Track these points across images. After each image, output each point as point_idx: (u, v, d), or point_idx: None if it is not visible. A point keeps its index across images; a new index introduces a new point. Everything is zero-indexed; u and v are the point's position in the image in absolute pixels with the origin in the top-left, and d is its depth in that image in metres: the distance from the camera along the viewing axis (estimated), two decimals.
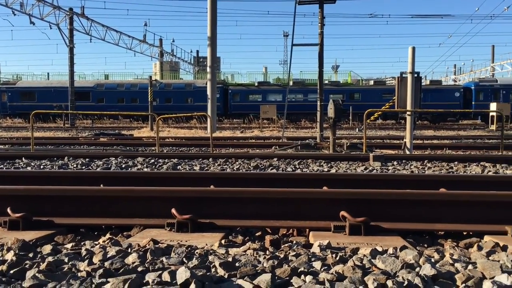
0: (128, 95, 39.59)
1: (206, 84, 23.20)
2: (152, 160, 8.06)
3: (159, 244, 2.77)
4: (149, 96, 25.63)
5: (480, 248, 2.91)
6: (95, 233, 3.42)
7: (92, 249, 2.61)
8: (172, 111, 35.51)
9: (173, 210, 3.31)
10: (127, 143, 13.24)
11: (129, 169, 7.14)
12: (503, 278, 2.04)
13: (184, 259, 2.39)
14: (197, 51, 67.18)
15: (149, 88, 25.95)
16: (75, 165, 7.53)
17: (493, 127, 25.83)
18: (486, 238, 3.15)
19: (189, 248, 2.61)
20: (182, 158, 8.32)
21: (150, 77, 28.00)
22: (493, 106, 29.96)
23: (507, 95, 36.70)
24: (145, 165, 7.50)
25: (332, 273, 2.13)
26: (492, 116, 27.22)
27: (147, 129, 24.29)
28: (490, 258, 2.51)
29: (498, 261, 2.33)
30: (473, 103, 36.81)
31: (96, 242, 2.88)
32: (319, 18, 14.91)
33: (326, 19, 15.39)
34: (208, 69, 22.29)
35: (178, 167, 7.36)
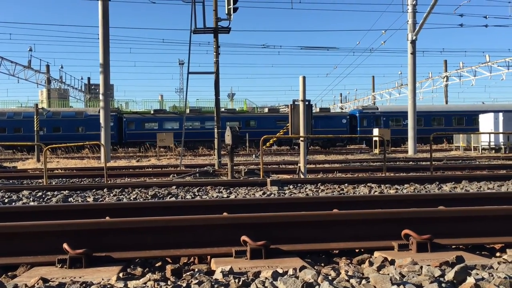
0: (11, 124, 36.62)
1: (99, 112, 22.30)
2: (40, 193, 7.50)
3: (50, 283, 2.56)
4: (35, 125, 23.95)
5: (371, 264, 3.10)
6: None
7: None
8: (61, 141, 33.38)
9: (65, 245, 3.10)
10: (10, 176, 12.16)
11: (13, 203, 6.56)
12: None
13: None
14: (89, 78, 64.35)
15: (35, 116, 24.27)
16: None
17: (377, 151, 27.96)
18: (376, 253, 3.37)
19: (84, 285, 2.45)
20: (74, 190, 7.84)
21: (36, 105, 26.21)
22: (375, 131, 32.54)
23: (387, 121, 40.08)
24: (31, 199, 6.95)
25: None
26: (375, 141, 29.51)
27: (33, 160, 22.58)
28: (380, 272, 2.68)
29: (388, 274, 2.50)
30: (358, 129, 39.62)
31: None
32: (214, 47, 15.19)
33: (221, 48, 15.72)
34: (101, 97, 21.47)
35: (70, 199, 6.92)
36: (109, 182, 10.19)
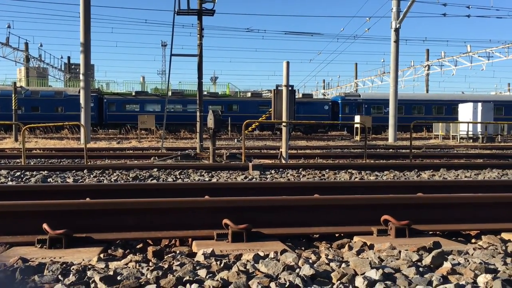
0: None
1: (79, 92, 21.95)
2: (18, 173, 7.38)
3: (29, 263, 2.54)
4: (13, 104, 23.48)
5: (351, 248, 3.15)
6: None
7: None
8: (40, 120, 32.72)
9: (45, 225, 3.07)
10: None
11: None
12: (372, 273, 2.23)
13: (59, 276, 2.23)
14: (69, 57, 63.17)
15: (13, 95, 23.77)
16: None
17: (358, 138, 28.22)
18: (356, 238, 3.42)
19: (64, 265, 2.44)
20: (53, 170, 7.75)
21: (14, 83, 25.66)
22: (357, 118, 32.79)
23: (368, 108, 40.39)
24: (9, 179, 6.84)
25: (217, 280, 2.14)
26: (357, 128, 29.75)
27: (11, 140, 22.18)
28: (360, 256, 2.73)
29: (367, 258, 2.55)
30: (340, 115, 39.87)
31: None
32: (198, 30, 15.02)
33: (205, 31, 15.54)
34: (81, 77, 21.10)
35: (49, 179, 6.84)
36: (89, 163, 10.09)
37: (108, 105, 37.42)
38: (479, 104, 28.06)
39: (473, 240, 3.60)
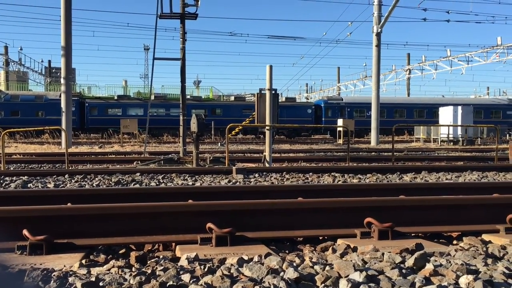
0: None
1: (60, 96, 21.67)
2: None
3: (9, 269, 2.49)
4: None
5: (334, 251, 3.16)
6: None
7: None
8: (20, 125, 32.25)
9: (25, 231, 3.01)
10: None
11: None
12: (356, 276, 2.24)
13: (40, 283, 2.19)
14: (49, 61, 62.58)
15: None
16: None
17: (340, 141, 28.40)
18: (339, 241, 3.44)
19: (45, 271, 2.40)
20: (33, 175, 7.62)
21: None
22: (340, 122, 33.01)
23: (351, 112, 40.72)
24: None
25: (201, 285, 2.13)
26: (340, 131, 29.95)
27: None
28: (344, 258, 2.74)
29: (351, 261, 2.56)
30: (323, 119, 40.11)
31: None
32: (180, 33, 14.96)
33: (188, 34, 15.53)
34: (62, 81, 20.84)
35: (29, 185, 6.73)
36: (71, 168, 9.96)
37: (89, 109, 37.03)
38: (459, 108, 28.51)
39: (454, 242, 3.64)
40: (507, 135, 35.55)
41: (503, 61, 36.35)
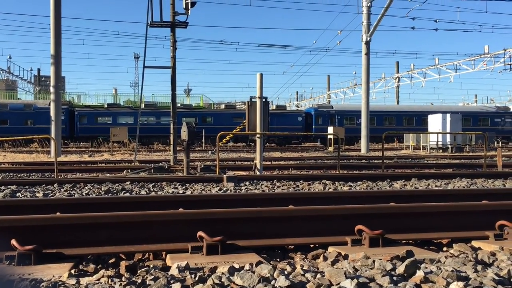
0: None
1: (49, 105, 21.53)
2: None
3: None
4: None
5: (325, 258, 3.16)
6: None
7: None
8: (8, 134, 31.98)
9: (13, 241, 2.98)
10: None
11: None
12: (347, 283, 2.24)
13: None
14: (39, 69, 61.85)
15: None
16: None
17: (331, 148, 28.50)
18: (330, 249, 3.44)
19: (34, 282, 2.37)
20: (22, 185, 7.54)
21: None
22: (330, 129, 33.15)
23: (341, 119, 40.92)
24: None
25: None
26: (330, 139, 30.07)
27: None
28: (335, 266, 2.74)
29: (342, 268, 2.56)
30: (313, 127, 40.25)
31: None
32: (171, 42, 14.97)
33: (178, 43, 15.50)
34: (52, 89, 20.72)
35: (18, 194, 6.65)
36: (60, 177, 9.87)
37: (79, 117, 36.83)
38: (448, 115, 28.77)
39: (444, 248, 3.66)
40: (495, 142, 35.90)
41: (491, 69, 36.76)
